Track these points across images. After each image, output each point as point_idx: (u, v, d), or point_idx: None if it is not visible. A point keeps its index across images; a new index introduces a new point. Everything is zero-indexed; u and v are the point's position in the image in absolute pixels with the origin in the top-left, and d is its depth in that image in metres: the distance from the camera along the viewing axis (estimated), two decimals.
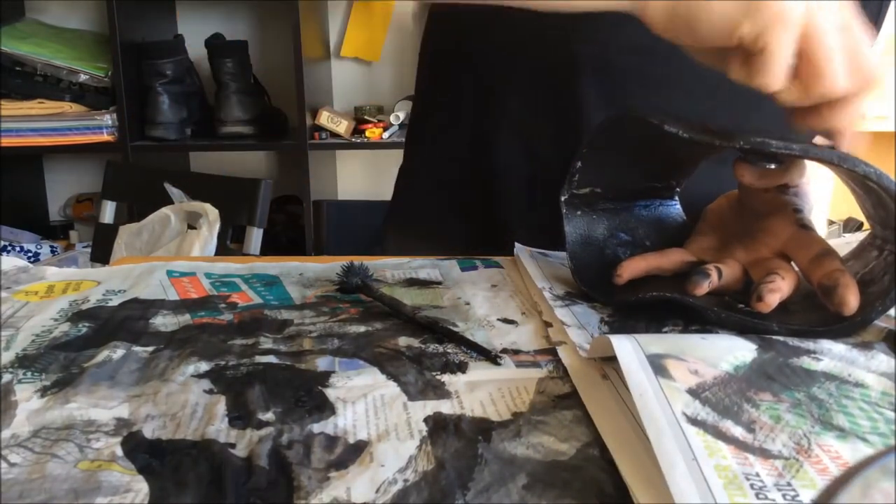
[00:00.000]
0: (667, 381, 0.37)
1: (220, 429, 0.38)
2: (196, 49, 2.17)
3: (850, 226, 2.24)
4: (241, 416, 0.39)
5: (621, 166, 0.58)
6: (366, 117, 2.23)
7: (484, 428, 0.38)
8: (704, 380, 0.38)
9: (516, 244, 0.65)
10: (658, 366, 0.38)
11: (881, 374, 0.42)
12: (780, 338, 0.45)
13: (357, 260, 0.59)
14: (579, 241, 0.59)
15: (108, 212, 1.49)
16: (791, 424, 0.35)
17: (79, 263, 2.13)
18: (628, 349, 0.39)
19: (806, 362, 0.42)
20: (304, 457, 0.35)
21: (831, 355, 0.43)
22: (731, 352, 0.41)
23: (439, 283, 0.60)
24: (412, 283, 0.60)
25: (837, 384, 0.40)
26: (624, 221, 0.60)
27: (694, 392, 0.37)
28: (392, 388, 0.42)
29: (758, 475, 0.32)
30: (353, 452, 0.36)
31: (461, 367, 0.45)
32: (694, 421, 0.34)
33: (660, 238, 0.60)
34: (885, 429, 0.36)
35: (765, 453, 0.33)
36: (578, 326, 0.51)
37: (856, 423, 0.36)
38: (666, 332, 0.50)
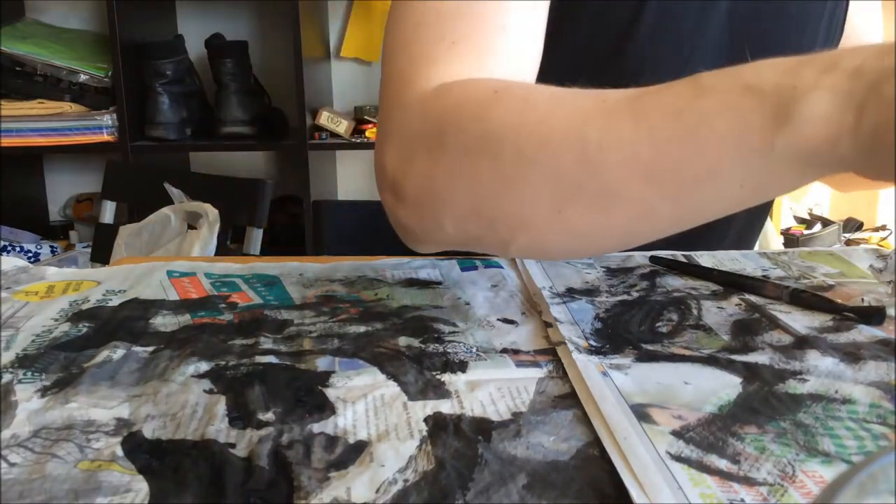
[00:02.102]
0: (650, 425, 0.38)
1: (220, 429, 0.38)
2: (196, 49, 2.17)
3: (850, 226, 2.24)
4: (241, 416, 0.39)
5: None
6: (366, 117, 2.22)
7: (484, 428, 0.38)
8: (688, 422, 0.38)
9: None
10: (641, 413, 0.39)
11: (869, 385, 0.42)
12: (767, 362, 0.45)
13: (357, 260, 0.59)
14: None
15: (108, 212, 1.49)
16: (776, 454, 0.36)
17: (79, 263, 2.12)
18: (612, 401, 0.40)
19: (791, 386, 0.42)
20: (304, 457, 0.35)
21: (817, 373, 0.44)
22: (714, 393, 0.41)
23: (439, 283, 0.60)
24: (412, 283, 0.60)
25: (824, 404, 0.40)
26: None
27: (678, 433, 0.37)
28: (392, 387, 0.42)
29: (742, 501, 0.32)
30: (353, 452, 0.36)
31: (461, 367, 0.45)
32: (678, 458, 0.35)
33: None
34: (871, 446, 0.36)
35: (749, 481, 0.34)
36: (571, 322, 0.51)
37: (842, 446, 0.36)
38: (659, 329, 0.50)
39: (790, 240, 2.16)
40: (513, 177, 0.45)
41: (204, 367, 0.45)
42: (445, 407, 0.40)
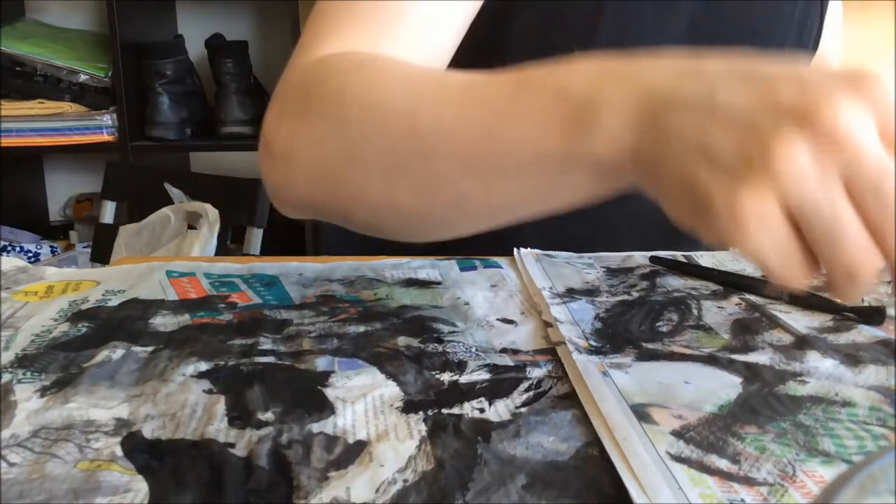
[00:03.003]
0: (650, 425, 0.38)
1: (219, 429, 0.38)
2: (196, 49, 2.17)
3: None
4: (240, 416, 0.39)
5: None
6: None
7: (483, 428, 0.38)
8: (688, 422, 0.38)
9: (518, 249, 0.65)
10: (641, 413, 0.39)
11: (869, 388, 0.42)
12: (767, 362, 0.45)
13: (357, 260, 0.59)
14: None
15: (108, 212, 1.49)
16: (776, 454, 0.36)
17: (79, 263, 2.12)
18: (612, 401, 0.40)
19: (792, 387, 0.42)
20: (303, 457, 0.35)
21: (818, 375, 0.44)
22: (715, 392, 0.41)
23: (439, 283, 0.60)
24: (412, 283, 0.60)
25: (824, 407, 0.40)
26: None
27: (678, 433, 0.37)
28: (391, 387, 0.42)
29: (742, 501, 0.32)
30: (352, 452, 0.36)
31: (461, 367, 0.45)
32: (678, 458, 0.35)
33: None
34: (871, 446, 0.36)
35: (749, 481, 0.34)
36: (571, 323, 0.51)
37: (842, 446, 0.36)
38: (660, 328, 0.50)
39: None
40: (352, 149, 0.47)
41: (203, 367, 0.45)
42: (445, 407, 0.40)
